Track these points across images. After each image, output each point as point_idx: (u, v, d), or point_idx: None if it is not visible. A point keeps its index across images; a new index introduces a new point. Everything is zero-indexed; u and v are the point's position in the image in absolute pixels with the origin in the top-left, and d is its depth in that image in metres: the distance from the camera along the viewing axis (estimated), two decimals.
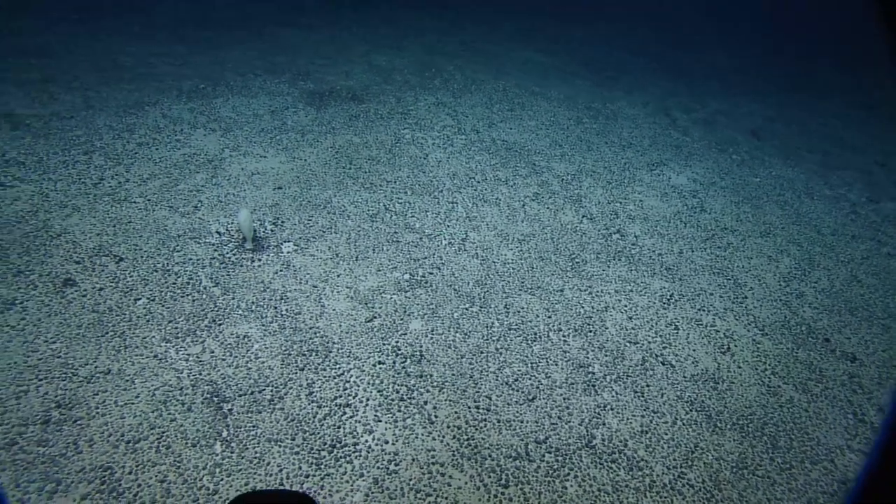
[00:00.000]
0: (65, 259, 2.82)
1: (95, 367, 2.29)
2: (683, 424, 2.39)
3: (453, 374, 2.50)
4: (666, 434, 2.33)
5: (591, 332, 2.84)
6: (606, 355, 2.69)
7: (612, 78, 6.88)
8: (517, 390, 2.47)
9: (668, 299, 3.10)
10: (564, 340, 2.77)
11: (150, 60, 5.28)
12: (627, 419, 2.37)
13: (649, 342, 2.80)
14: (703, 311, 3.01)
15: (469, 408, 2.36)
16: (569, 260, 3.37)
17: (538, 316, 2.90)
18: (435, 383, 2.45)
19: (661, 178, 4.41)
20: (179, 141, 4.07)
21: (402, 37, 7.33)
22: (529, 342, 2.73)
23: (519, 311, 2.91)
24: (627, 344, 2.76)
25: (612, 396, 2.48)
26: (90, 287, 2.68)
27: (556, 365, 2.62)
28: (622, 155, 4.78)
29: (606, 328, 2.87)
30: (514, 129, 5.00)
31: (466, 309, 2.88)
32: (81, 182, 3.43)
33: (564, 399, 2.44)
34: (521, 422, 2.33)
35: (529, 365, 2.60)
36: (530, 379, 2.53)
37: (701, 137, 5.23)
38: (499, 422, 2.32)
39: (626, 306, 3.03)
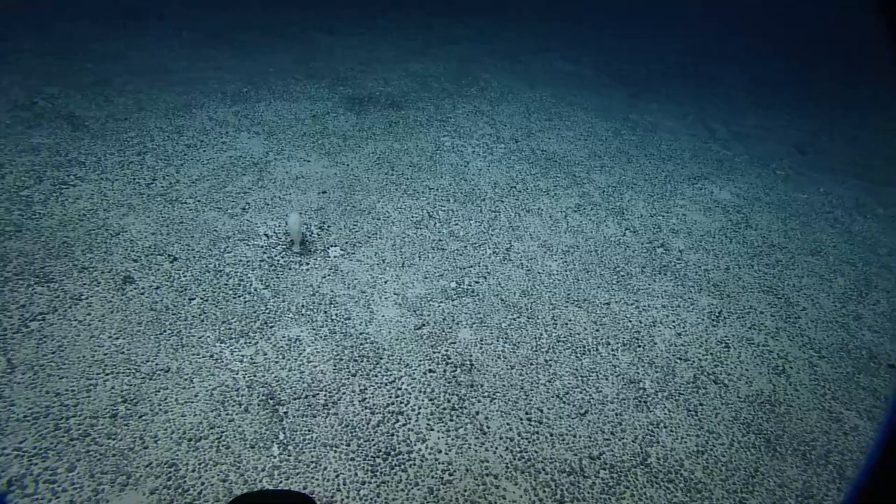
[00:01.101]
0: (124, 257, 2.89)
1: (156, 365, 2.33)
2: (741, 447, 2.33)
3: (504, 385, 2.49)
4: (723, 456, 2.28)
5: (639, 347, 2.80)
6: (657, 371, 2.65)
7: (647, 89, 6.82)
8: (568, 403, 2.44)
9: (717, 316, 3.04)
10: (613, 355, 2.73)
11: (196, 65, 5.42)
12: (682, 438, 2.32)
13: (700, 360, 2.74)
14: (755, 329, 2.94)
15: (521, 419, 2.34)
16: (614, 273, 3.33)
17: (586, 329, 2.87)
18: (486, 393, 2.44)
19: (704, 193, 4.35)
20: (225, 143, 4.16)
21: (435, 44, 7.38)
22: (578, 355, 2.70)
23: (566, 324, 2.89)
24: (678, 361, 2.72)
25: (665, 414, 2.43)
26: (147, 285, 2.75)
27: (607, 379, 2.58)
28: (662, 168, 4.73)
29: (655, 344, 2.82)
30: (553, 139, 4.98)
31: (514, 319, 2.87)
32: (136, 182, 3.52)
33: (616, 415, 2.41)
34: (574, 436, 2.30)
35: (579, 378, 2.57)
36: (581, 393, 2.50)
37: (742, 151, 5.14)
38: (551, 435, 2.29)
39: (674, 322, 2.98)
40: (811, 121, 6.48)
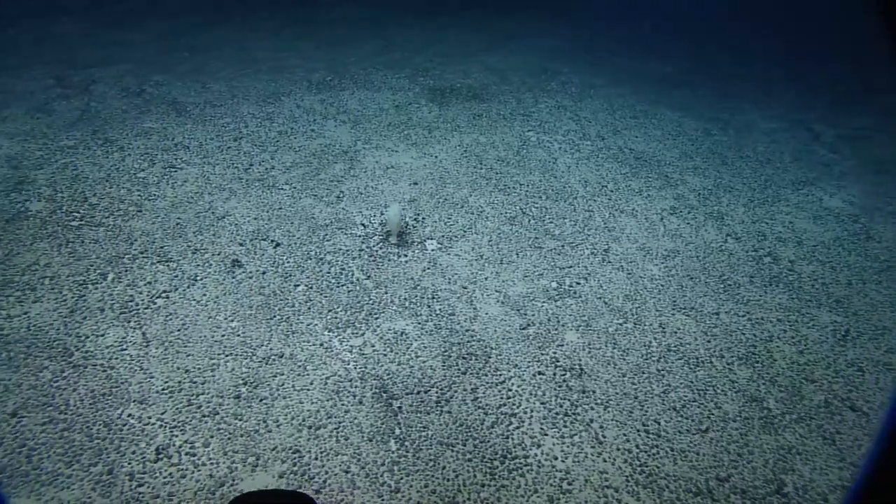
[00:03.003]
0: (230, 240, 2.95)
1: (270, 350, 2.36)
2: None
3: (617, 393, 2.38)
4: None
5: (757, 362, 2.62)
6: (781, 391, 2.46)
7: (735, 87, 6.44)
8: (687, 418, 2.30)
9: (844, 336, 2.80)
10: (730, 369, 2.56)
11: (280, 54, 5.52)
12: (821, 469, 2.14)
13: (830, 382, 2.53)
14: (894, 353, 2.69)
15: (638, 431, 2.23)
16: (719, 281, 3.13)
17: (696, 339, 2.71)
18: (598, 401, 2.34)
19: (811, 199, 4.04)
20: (314, 131, 4.20)
21: (508, 39, 7.24)
22: (692, 367, 2.55)
23: (675, 332, 2.74)
24: (804, 381, 2.51)
25: (797, 439, 2.25)
26: (255, 269, 2.79)
27: (726, 395, 2.42)
28: (761, 171, 4.43)
29: (775, 360, 2.63)
30: (640, 138, 4.77)
31: (620, 325, 2.74)
32: (234, 167, 3.60)
33: (741, 435, 2.25)
34: (697, 453, 2.16)
35: (696, 391, 2.42)
36: (699, 407, 2.36)
37: (852, 155, 4.75)
38: (672, 450, 2.17)
39: (793, 338, 2.77)
40: None
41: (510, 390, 2.33)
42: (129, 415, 2.00)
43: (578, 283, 2.98)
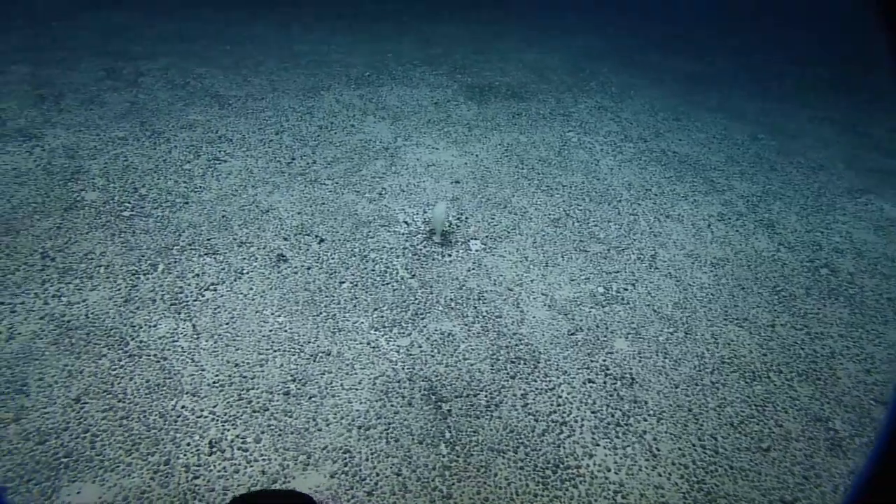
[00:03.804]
0: (275, 235, 2.95)
1: (317, 346, 2.35)
2: None
3: (670, 405, 2.29)
4: None
5: (819, 379, 2.50)
6: (848, 411, 2.34)
7: (778, 88, 6.22)
8: (745, 435, 2.21)
9: None
10: (789, 385, 2.45)
11: (319, 48, 5.53)
12: None
13: None
14: None
15: (694, 446, 2.14)
16: (773, 292, 3.01)
17: (751, 352, 2.60)
18: (651, 412, 2.26)
19: (870, 209, 3.86)
20: (354, 126, 4.19)
21: (543, 36, 7.13)
22: (748, 381, 2.44)
23: (729, 344, 2.63)
24: (873, 403, 2.39)
25: None
26: (300, 265, 2.79)
27: (787, 413, 2.32)
28: (813, 178, 4.26)
29: (839, 378, 2.51)
30: (684, 141, 4.63)
31: (671, 334, 2.65)
32: (277, 161, 3.61)
33: (806, 456, 2.14)
34: (759, 473, 2.07)
35: (754, 407, 2.32)
36: (758, 424, 2.26)
37: None
38: (731, 468, 2.08)
39: (857, 356, 2.64)
40: None
41: (560, 397, 2.27)
42: (183, 406, 2.01)
43: (626, 289, 2.90)
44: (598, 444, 2.12)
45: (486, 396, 2.23)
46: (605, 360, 2.46)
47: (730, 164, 4.36)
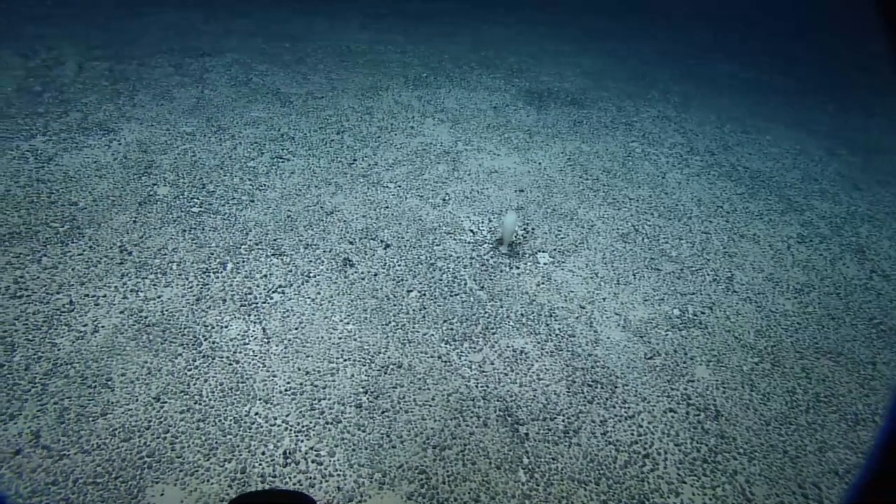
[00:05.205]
0: (340, 238, 2.91)
1: (388, 358, 2.28)
2: None
3: (762, 444, 2.13)
4: None
5: None
6: None
7: (855, 101, 5.86)
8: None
9: None
10: None
11: (377, 47, 5.50)
12: None
13: None
14: None
15: (794, 493, 1.98)
16: (870, 325, 2.79)
17: (851, 391, 2.41)
18: (741, 450, 2.10)
19: None
20: (413, 128, 4.13)
21: (598, 41, 6.94)
22: (850, 424, 2.25)
23: (823, 380, 2.44)
24: None
25: None
26: (366, 270, 2.73)
27: None
28: None
29: None
30: (755, 155, 4.40)
31: (756, 364, 2.48)
32: (339, 161, 3.57)
33: None
34: None
35: (860, 455, 2.13)
36: None
37: None
38: None
39: None
40: None
41: (640, 426, 2.14)
42: (256, 413, 1.97)
43: (703, 313, 2.73)
44: (684, 482, 1.98)
45: (563, 421, 2.12)
46: (686, 389, 2.32)
47: (807, 181, 4.11)
